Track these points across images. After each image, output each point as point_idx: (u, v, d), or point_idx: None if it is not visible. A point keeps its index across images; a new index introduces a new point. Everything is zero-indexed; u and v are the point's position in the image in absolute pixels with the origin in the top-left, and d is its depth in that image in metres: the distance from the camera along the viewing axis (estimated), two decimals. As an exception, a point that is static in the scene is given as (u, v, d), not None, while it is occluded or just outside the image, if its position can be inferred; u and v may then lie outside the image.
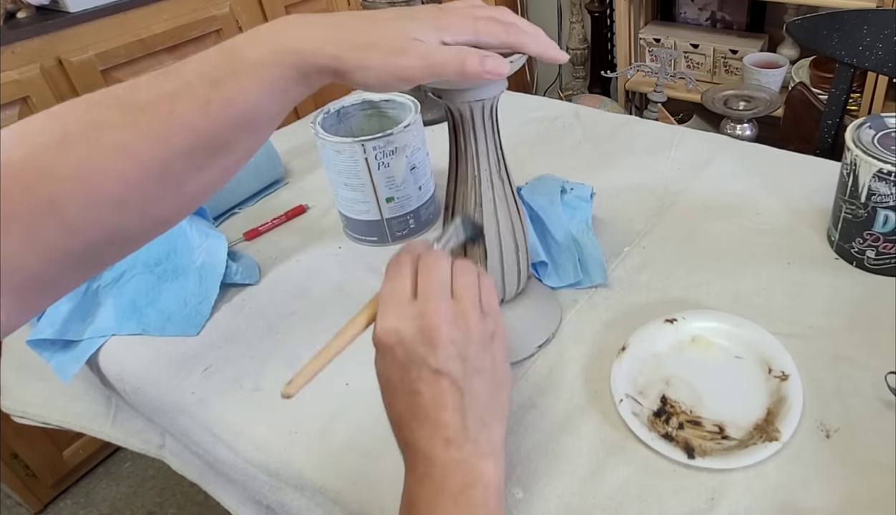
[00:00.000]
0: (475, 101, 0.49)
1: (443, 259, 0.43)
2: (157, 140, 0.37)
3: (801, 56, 1.94)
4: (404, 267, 0.43)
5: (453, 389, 0.40)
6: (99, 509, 1.52)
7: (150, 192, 0.38)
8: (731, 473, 0.49)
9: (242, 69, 0.38)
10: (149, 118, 0.37)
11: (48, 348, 0.69)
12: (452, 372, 0.40)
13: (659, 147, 0.91)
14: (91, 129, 0.36)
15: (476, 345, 0.42)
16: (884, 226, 0.63)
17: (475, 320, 0.42)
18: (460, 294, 0.42)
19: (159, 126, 0.37)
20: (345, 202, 0.77)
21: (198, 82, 0.38)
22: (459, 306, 0.42)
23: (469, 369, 0.41)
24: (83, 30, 1.25)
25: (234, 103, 0.38)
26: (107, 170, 0.36)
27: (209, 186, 0.41)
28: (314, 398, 0.60)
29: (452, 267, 0.43)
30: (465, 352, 0.41)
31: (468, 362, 0.41)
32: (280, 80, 0.39)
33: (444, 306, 0.41)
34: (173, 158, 0.38)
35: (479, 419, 0.42)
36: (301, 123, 1.11)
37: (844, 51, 1.04)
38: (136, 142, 0.37)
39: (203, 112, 0.38)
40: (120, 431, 0.78)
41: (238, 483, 0.62)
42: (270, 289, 0.74)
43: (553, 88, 2.48)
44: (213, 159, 0.40)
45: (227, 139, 0.40)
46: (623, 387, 0.55)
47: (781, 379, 0.55)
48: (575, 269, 0.67)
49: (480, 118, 0.51)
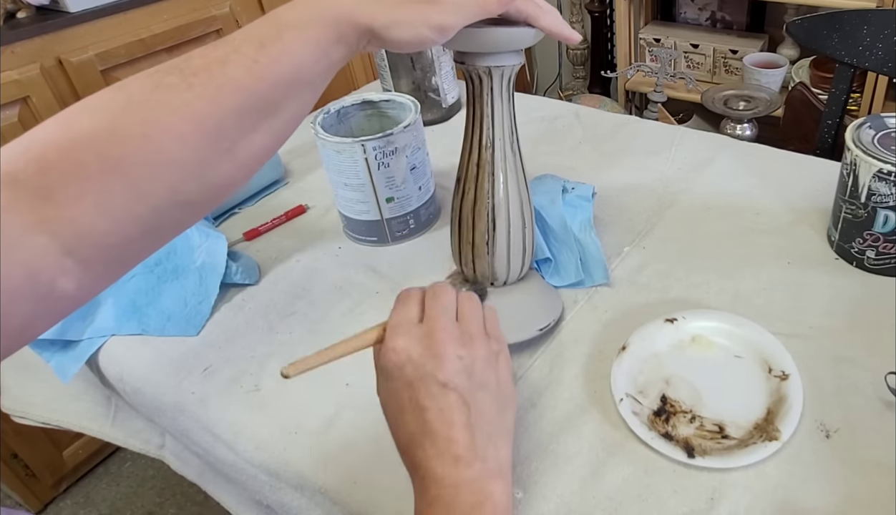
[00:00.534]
0: (495, 67, 0.52)
1: (448, 288, 0.47)
2: (210, 99, 0.39)
3: (801, 56, 1.94)
4: (412, 297, 0.46)
5: (460, 403, 0.42)
6: (99, 509, 1.52)
7: (205, 153, 0.40)
8: (731, 473, 0.49)
9: (284, 31, 0.41)
10: (202, 80, 0.39)
11: (48, 348, 0.69)
12: (459, 386, 0.42)
13: (659, 147, 0.91)
14: (152, 92, 0.39)
15: (481, 362, 0.44)
16: (884, 226, 0.63)
17: (480, 340, 0.45)
18: (465, 317, 0.45)
19: (212, 86, 0.39)
20: (345, 202, 0.77)
21: (245, 46, 0.40)
22: (464, 328, 0.45)
23: (475, 384, 0.43)
24: (83, 30, 1.25)
25: (279, 62, 0.40)
26: (166, 129, 0.38)
27: (259, 152, 0.43)
28: (314, 398, 0.60)
29: (458, 297, 0.47)
30: (471, 368, 0.43)
31: (474, 377, 0.43)
32: (320, 40, 0.41)
33: (450, 325, 0.44)
34: (225, 118, 0.40)
35: (487, 436, 0.43)
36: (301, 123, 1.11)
37: (844, 51, 1.04)
38: (191, 102, 0.39)
39: (251, 72, 0.40)
40: (120, 431, 0.78)
41: (238, 483, 0.62)
42: (270, 289, 0.74)
43: (553, 88, 2.48)
44: (261, 120, 0.42)
45: (275, 99, 0.41)
46: (623, 386, 0.55)
47: (781, 379, 0.55)
48: (576, 269, 0.67)
49: (499, 85, 0.53)
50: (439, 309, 0.45)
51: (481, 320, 0.46)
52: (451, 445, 0.41)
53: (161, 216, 0.40)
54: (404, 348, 0.42)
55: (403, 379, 0.42)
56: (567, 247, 0.68)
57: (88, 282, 0.39)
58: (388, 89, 1.01)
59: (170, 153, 0.38)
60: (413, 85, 0.99)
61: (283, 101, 0.42)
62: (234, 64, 0.40)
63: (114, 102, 0.39)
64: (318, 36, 0.42)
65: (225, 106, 0.40)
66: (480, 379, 0.43)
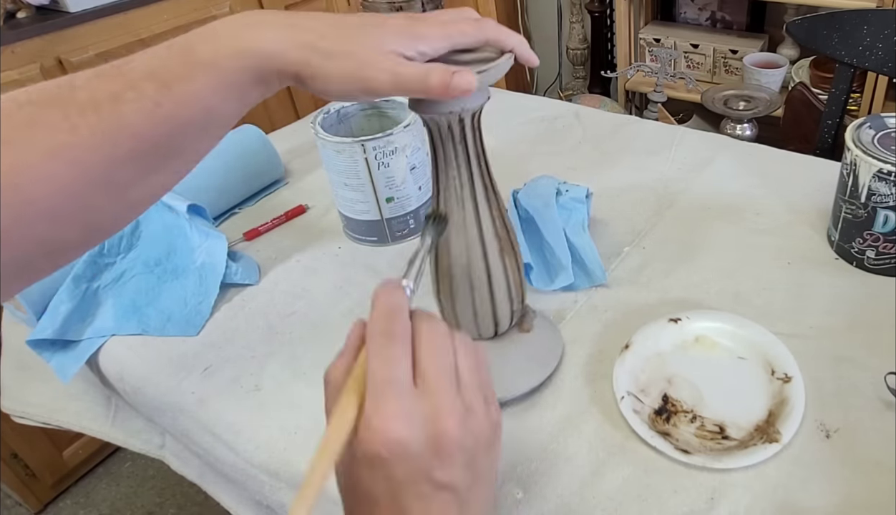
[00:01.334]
0: (452, 113, 0.44)
1: (445, 334, 0.36)
2: (98, 148, 0.33)
3: (801, 56, 1.94)
4: (398, 341, 0.34)
5: (453, 503, 0.34)
6: (99, 509, 1.52)
7: (90, 202, 0.35)
8: (731, 473, 0.49)
9: (195, 71, 0.35)
10: (89, 122, 0.33)
11: (48, 348, 0.69)
12: (457, 485, 0.34)
13: (659, 147, 0.91)
14: (25, 130, 0.32)
15: (483, 448, 0.35)
16: (884, 226, 0.63)
17: (482, 416, 0.35)
18: (466, 383, 0.35)
19: (100, 131, 0.33)
20: (345, 202, 0.77)
21: (146, 85, 0.34)
22: (468, 400, 0.35)
23: (473, 477, 0.35)
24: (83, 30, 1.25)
25: (185, 107, 0.35)
26: (41, 177, 0.32)
27: (155, 193, 0.38)
28: (314, 398, 0.60)
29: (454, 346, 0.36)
30: (473, 459, 0.34)
31: (473, 469, 0.35)
32: (236, 82, 0.37)
33: (457, 405, 0.33)
34: (118, 165, 0.34)
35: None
36: (301, 123, 1.11)
37: (844, 51, 1.04)
38: (74, 148, 0.33)
39: (151, 115, 0.34)
40: (120, 431, 0.78)
41: (238, 483, 0.62)
42: (270, 289, 0.74)
43: (553, 88, 2.48)
44: (161, 164, 0.37)
45: (178, 144, 0.37)
46: (625, 385, 0.55)
47: (784, 382, 0.55)
48: (568, 272, 0.67)
49: (460, 132, 0.46)
50: (441, 374, 0.34)
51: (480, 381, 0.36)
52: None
53: (29, 263, 0.35)
54: (399, 439, 0.31)
55: (389, 478, 0.32)
56: (559, 251, 0.68)
57: None
58: (388, 89, 1.01)
59: (44, 204, 0.33)
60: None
61: (187, 145, 0.37)
62: (129, 104, 0.34)
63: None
64: (233, 78, 0.36)
65: (117, 154, 0.34)
66: (479, 469, 0.35)
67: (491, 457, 0.36)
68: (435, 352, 0.34)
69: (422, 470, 0.32)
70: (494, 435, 0.36)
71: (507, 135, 0.98)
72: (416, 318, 0.35)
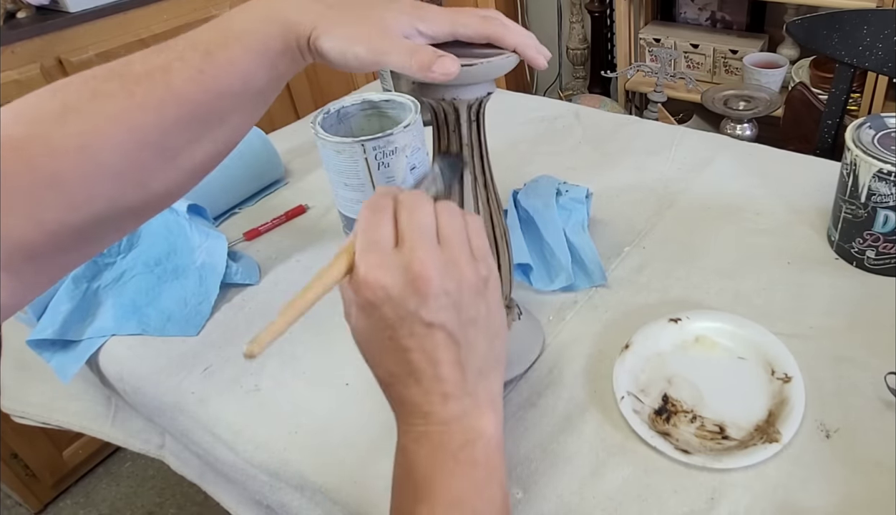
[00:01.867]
0: (445, 100, 0.45)
1: (425, 200, 0.39)
2: (153, 109, 0.37)
3: (801, 56, 1.94)
4: (383, 211, 0.38)
5: (448, 342, 0.38)
6: (99, 509, 1.52)
7: (147, 164, 0.39)
8: (731, 473, 0.49)
9: (231, 39, 0.39)
10: (145, 89, 0.37)
11: (48, 348, 0.69)
12: (447, 324, 0.38)
13: (659, 147, 0.91)
14: (90, 101, 0.37)
15: (469, 293, 0.39)
16: (884, 226, 0.63)
17: (467, 267, 0.39)
18: (448, 239, 0.39)
19: (155, 96, 0.38)
20: (345, 202, 0.77)
21: (191, 54, 0.39)
22: (449, 253, 0.38)
23: (464, 319, 0.39)
24: (83, 30, 1.25)
25: (225, 72, 0.39)
26: (106, 140, 0.37)
27: (204, 161, 0.42)
28: (314, 398, 0.60)
29: (436, 210, 0.40)
30: (459, 302, 0.38)
31: (462, 312, 0.38)
32: (267, 49, 0.40)
33: (433, 254, 0.37)
34: (169, 128, 0.38)
35: (477, 371, 0.40)
36: (301, 123, 1.11)
37: (844, 51, 1.04)
38: (131, 112, 0.37)
39: (196, 82, 0.38)
40: (120, 431, 0.78)
41: (238, 483, 0.62)
42: (270, 289, 0.74)
43: (553, 88, 2.49)
44: (207, 131, 0.40)
45: (221, 109, 0.40)
46: (625, 385, 0.55)
47: (784, 382, 0.55)
48: (567, 272, 0.67)
49: (455, 121, 0.47)
50: (418, 231, 0.38)
51: (466, 240, 0.39)
52: (438, 383, 0.38)
53: (99, 225, 0.39)
54: (382, 285, 0.36)
55: (382, 318, 0.37)
56: (559, 251, 0.68)
57: (21, 292, 0.38)
58: (388, 89, 1.01)
59: (109, 165, 0.37)
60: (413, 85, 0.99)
61: (229, 113, 0.41)
62: (177, 73, 0.38)
63: (47, 109, 0.37)
64: (264, 45, 0.40)
65: (168, 116, 0.38)
66: (469, 312, 0.39)
67: (483, 303, 0.40)
68: (412, 217, 0.38)
69: (408, 311, 0.37)
70: (484, 285, 0.40)
71: (507, 135, 0.98)
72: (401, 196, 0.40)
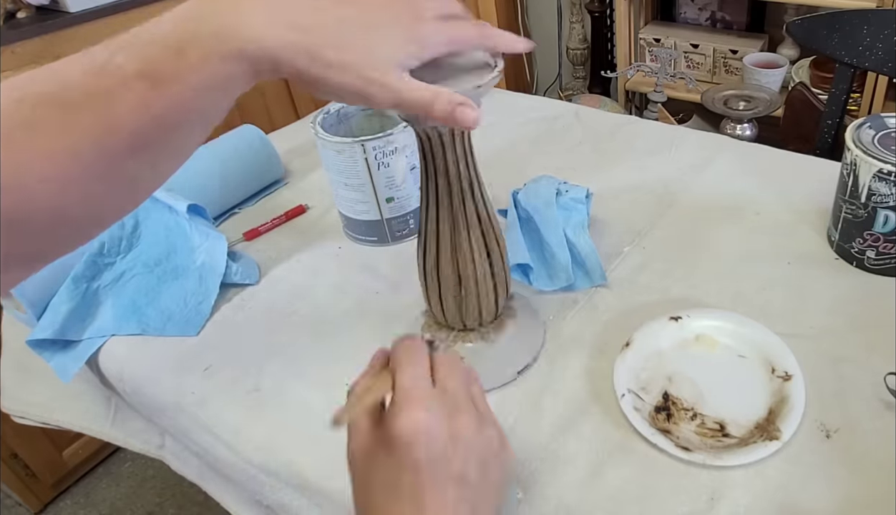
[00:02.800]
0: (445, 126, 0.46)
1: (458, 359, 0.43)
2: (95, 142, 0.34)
3: (801, 56, 1.94)
4: (420, 351, 0.41)
5: (466, 497, 0.38)
6: (99, 509, 1.52)
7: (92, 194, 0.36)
8: (731, 473, 0.49)
9: (186, 70, 0.34)
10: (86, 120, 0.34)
11: (48, 348, 0.69)
12: (471, 481, 0.38)
13: (659, 147, 0.91)
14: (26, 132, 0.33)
15: (493, 456, 0.40)
16: (884, 226, 0.63)
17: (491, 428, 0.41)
18: (476, 400, 0.42)
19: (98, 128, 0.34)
20: (345, 202, 0.77)
21: (137, 84, 0.34)
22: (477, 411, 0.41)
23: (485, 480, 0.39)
24: (83, 30, 1.25)
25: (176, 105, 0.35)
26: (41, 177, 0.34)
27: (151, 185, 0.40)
28: (314, 398, 0.60)
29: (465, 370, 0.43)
30: (485, 463, 0.40)
31: (485, 472, 0.39)
32: (232, 77, 0.36)
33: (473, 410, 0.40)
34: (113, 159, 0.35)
35: None
36: (301, 123, 1.11)
37: (844, 51, 1.04)
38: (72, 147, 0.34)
39: (142, 113, 0.35)
40: (120, 431, 0.78)
41: (238, 483, 0.62)
42: (270, 289, 0.74)
43: (553, 88, 2.48)
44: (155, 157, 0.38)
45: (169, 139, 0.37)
46: (625, 383, 0.55)
47: (784, 380, 0.55)
48: (567, 272, 0.67)
49: (451, 143, 0.48)
50: (458, 383, 0.40)
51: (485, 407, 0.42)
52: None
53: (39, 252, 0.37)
54: (426, 426, 0.36)
55: (414, 459, 0.36)
56: (559, 251, 0.68)
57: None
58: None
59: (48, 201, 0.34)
60: None
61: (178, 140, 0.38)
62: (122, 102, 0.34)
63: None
64: (230, 72, 0.36)
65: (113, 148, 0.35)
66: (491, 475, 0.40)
67: (499, 470, 0.41)
68: (451, 371, 0.41)
69: (441, 458, 0.37)
70: (502, 449, 0.41)
71: (507, 135, 0.98)
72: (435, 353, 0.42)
